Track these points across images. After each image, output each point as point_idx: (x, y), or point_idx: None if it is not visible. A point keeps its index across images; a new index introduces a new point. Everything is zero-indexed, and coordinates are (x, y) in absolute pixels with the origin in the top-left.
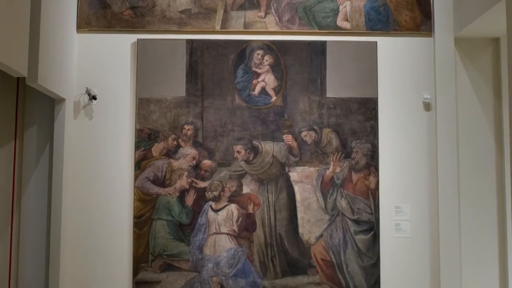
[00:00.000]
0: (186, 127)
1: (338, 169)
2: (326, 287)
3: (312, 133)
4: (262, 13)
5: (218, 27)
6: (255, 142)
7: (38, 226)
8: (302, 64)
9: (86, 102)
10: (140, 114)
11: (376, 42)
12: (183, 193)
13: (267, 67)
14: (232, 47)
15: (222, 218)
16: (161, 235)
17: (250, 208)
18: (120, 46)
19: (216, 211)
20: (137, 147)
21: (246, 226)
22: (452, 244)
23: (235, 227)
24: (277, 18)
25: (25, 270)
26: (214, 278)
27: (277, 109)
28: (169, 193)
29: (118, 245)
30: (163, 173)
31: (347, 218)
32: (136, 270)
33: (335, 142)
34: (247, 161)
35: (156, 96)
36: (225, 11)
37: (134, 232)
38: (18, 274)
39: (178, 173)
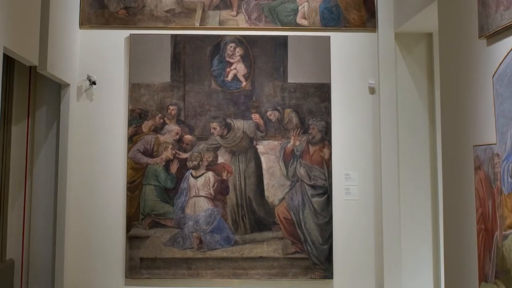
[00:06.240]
0: (171, 107)
1: (297, 143)
2: (287, 241)
3: (276, 113)
4: (234, 12)
5: (197, 24)
6: (228, 120)
7: (47, 190)
8: (268, 55)
9: (87, 86)
10: (132, 96)
11: (329, 36)
12: (168, 162)
13: (238, 57)
14: (209, 41)
15: (201, 183)
16: (150, 197)
17: (224, 175)
18: (115, 40)
19: (195, 177)
20: (129, 124)
21: (221, 190)
22: (392, 205)
23: (211, 191)
24: (246, 17)
25: (37, 227)
26: (194, 234)
27: (247, 92)
28: (157, 163)
29: (114, 206)
30: (152, 146)
31: (305, 184)
32: (129, 227)
33: (295, 120)
34: (222, 136)
35: (145, 82)
36: (203, 10)
37: (127, 195)
38: (30, 230)
39: (164, 146)
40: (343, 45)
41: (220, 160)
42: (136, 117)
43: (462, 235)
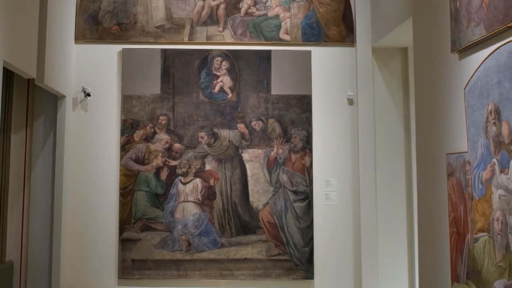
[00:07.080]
0: (161, 117)
1: (280, 151)
2: (271, 244)
3: (260, 123)
4: (220, 28)
5: (186, 39)
6: (215, 130)
7: (45, 195)
8: (252, 68)
9: (82, 98)
10: (124, 107)
11: (310, 51)
12: (158, 170)
13: (225, 70)
14: (197, 55)
15: (189, 189)
16: (141, 202)
17: (211, 182)
18: (109, 54)
19: (184, 184)
20: (122, 133)
21: (208, 196)
22: (370, 210)
23: (199, 197)
24: (232, 32)
25: (35, 230)
26: (183, 237)
27: (232, 103)
28: (147, 170)
29: (107, 210)
30: (143, 154)
31: (287, 190)
32: (121, 230)
33: (278, 129)
34: (209, 145)
35: (137, 93)
36: (192, 26)
37: (120, 200)
38: (28, 233)
39: (154, 154)
40: (323, 59)
41: (208, 167)
42: (128, 127)
43: (436, 238)
